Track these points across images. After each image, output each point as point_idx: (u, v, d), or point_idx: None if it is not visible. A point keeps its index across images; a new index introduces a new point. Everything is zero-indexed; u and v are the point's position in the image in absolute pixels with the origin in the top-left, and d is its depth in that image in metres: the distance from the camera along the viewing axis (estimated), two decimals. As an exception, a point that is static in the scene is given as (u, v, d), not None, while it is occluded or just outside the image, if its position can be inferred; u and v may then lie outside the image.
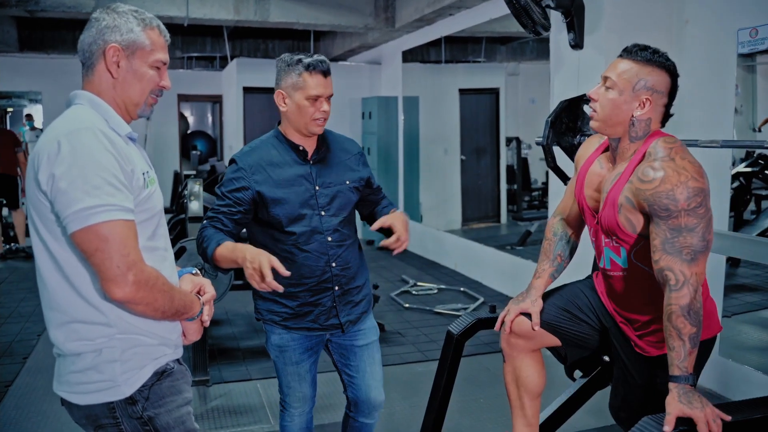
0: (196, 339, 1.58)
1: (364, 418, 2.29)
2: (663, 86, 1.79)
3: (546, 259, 2.13)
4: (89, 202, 1.29)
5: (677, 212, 1.67)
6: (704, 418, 1.61)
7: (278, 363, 2.20)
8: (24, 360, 4.05)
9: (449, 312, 5.04)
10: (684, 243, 1.68)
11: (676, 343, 1.66)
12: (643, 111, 1.79)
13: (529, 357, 2.13)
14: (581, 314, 2.07)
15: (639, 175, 1.75)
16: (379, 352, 2.29)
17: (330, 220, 2.09)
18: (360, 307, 2.20)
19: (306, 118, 2.04)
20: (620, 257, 1.87)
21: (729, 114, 3.40)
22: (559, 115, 2.64)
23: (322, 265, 2.08)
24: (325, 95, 2.04)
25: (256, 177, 2.05)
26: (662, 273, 1.70)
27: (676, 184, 1.67)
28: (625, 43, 1.87)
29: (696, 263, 1.68)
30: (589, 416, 3.01)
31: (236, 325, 4.82)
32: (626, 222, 1.80)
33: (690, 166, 1.71)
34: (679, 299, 1.66)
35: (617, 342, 2.02)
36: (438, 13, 6.03)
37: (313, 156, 2.11)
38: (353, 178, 2.16)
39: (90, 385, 1.40)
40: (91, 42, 1.44)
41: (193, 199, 4.20)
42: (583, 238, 2.15)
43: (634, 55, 1.79)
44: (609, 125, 1.83)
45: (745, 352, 3.70)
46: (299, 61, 2.02)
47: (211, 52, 10.02)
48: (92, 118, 1.40)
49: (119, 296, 1.32)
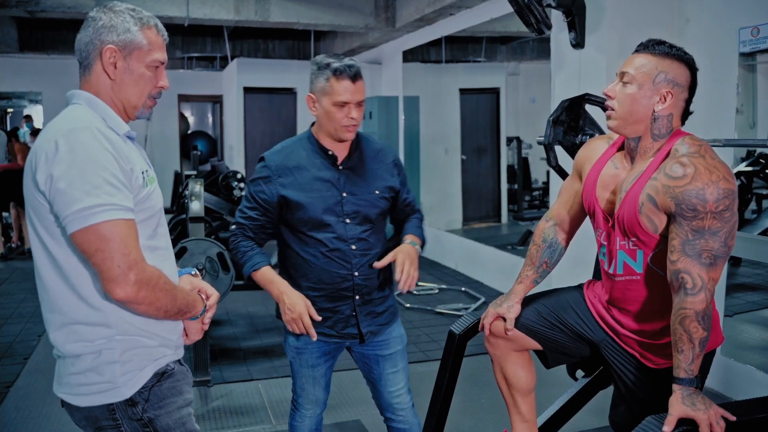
0: (198, 338, 1.57)
1: (396, 424, 2.24)
2: (683, 79, 1.72)
3: (531, 264, 2.07)
4: (89, 201, 1.28)
5: (704, 213, 1.60)
6: (707, 420, 1.57)
7: (294, 364, 2.17)
8: (25, 361, 4.05)
9: (450, 312, 5.04)
10: (705, 246, 1.61)
11: (685, 346, 1.61)
12: (665, 105, 1.71)
13: (514, 356, 2.10)
14: (562, 325, 2.01)
15: (666, 172, 1.67)
16: (404, 360, 2.22)
17: (355, 229, 2.04)
18: (382, 318, 2.14)
19: (335, 124, 1.98)
20: (636, 261, 1.79)
21: (730, 113, 3.40)
22: (560, 114, 2.63)
23: (344, 273, 2.04)
24: (353, 101, 1.96)
25: (282, 179, 2.02)
26: (678, 275, 1.63)
27: (707, 183, 1.60)
28: (626, 42, 1.84)
29: (714, 268, 1.62)
30: (592, 416, 3.00)
31: (237, 326, 4.82)
32: (647, 221, 1.72)
33: (721, 165, 1.64)
34: (695, 304, 1.60)
35: (616, 356, 1.93)
36: (438, 12, 6.03)
37: (343, 162, 2.06)
38: (383, 188, 2.10)
39: (90, 386, 1.39)
40: (88, 42, 1.43)
41: (193, 199, 4.19)
42: (585, 240, 2.13)
43: (651, 48, 1.73)
44: (629, 123, 1.75)
45: (747, 351, 3.70)
46: (328, 65, 1.96)
47: (211, 52, 10.03)
48: (90, 117, 1.39)
49: (121, 296, 1.31)
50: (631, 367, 1.91)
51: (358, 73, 1.97)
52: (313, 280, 2.03)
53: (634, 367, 1.90)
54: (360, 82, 1.98)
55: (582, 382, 2.45)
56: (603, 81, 3.77)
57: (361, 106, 2.01)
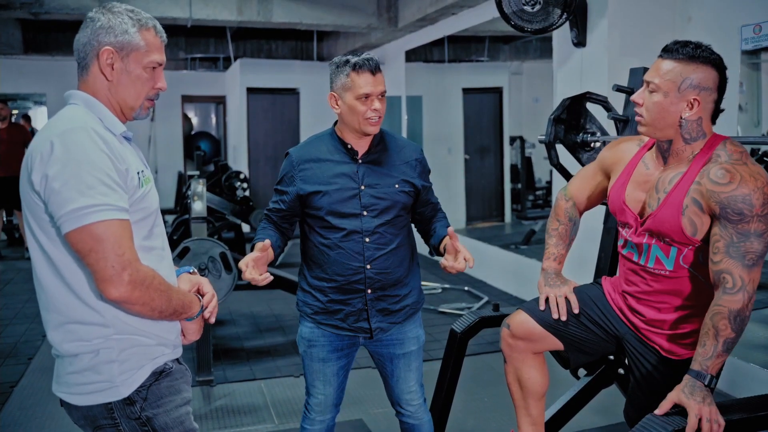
0: (196, 339, 1.57)
1: (406, 418, 2.26)
2: (711, 82, 1.72)
3: (563, 243, 2.13)
4: (83, 202, 1.28)
5: (750, 217, 1.64)
6: (698, 410, 1.58)
7: (305, 359, 2.17)
8: (29, 361, 4.06)
9: (453, 311, 5.03)
10: (749, 248, 1.65)
11: (709, 341, 1.64)
12: (692, 112, 1.72)
13: (530, 358, 2.09)
14: (588, 320, 2.02)
15: (711, 177, 1.70)
16: (418, 360, 2.22)
17: (371, 222, 2.05)
18: (396, 316, 2.13)
19: (359, 117, 2.01)
20: (668, 258, 1.82)
21: (733, 111, 3.39)
22: (561, 112, 2.63)
23: (355, 266, 2.05)
24: (375, 93, 2.00)
25: (302, 173, 2.07)
26: (720, 275, 1.67)
27: (753, 189, 1.64)
28: (628, 40, 1.83)
29: (756, 269, 1.66)
30: (594, 415, 3.00)
31: (240, 326, 4.82)
32: (689, 224, 1.74)
33: (763, 171, 1.68)
34: (732, 303, 1.63)
35: (636, 349, 1.95)
36: (441, 12, 6.02)
37: (363, 156, 2.08)
38: (402, 182, 2.10)
39: (88, 386, 1.40)
40: (86, 42, 1.43)
41: (196, 200, 4.20)
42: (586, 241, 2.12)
43: (675, 53, 1.72)
44: (658, 129, 1.77)
45: (752, 350, 3.68)
46: (347, 62, 2.00)
47: (214, 53, 10.04)
48: (86, 117, 1.39)
49: (115, 296, 1.31)
50: (651, 358, 1.92)
51: (377, 65, 2.02)
52: (328, 272, 2.07)
53: (654, 359, 1.92)
54: (380, 74, 2.02)
55: (584, 381, 2.45)
56: (604, 79, 3.77)
57: (383, 98, 2.04)
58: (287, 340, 4.42)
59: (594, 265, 2.70)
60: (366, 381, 3.59)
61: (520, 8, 3.42)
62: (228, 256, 3.32)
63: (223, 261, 3.30)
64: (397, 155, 2.13)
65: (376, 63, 2.01)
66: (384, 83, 2.04)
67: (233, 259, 3.35)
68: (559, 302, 2.03)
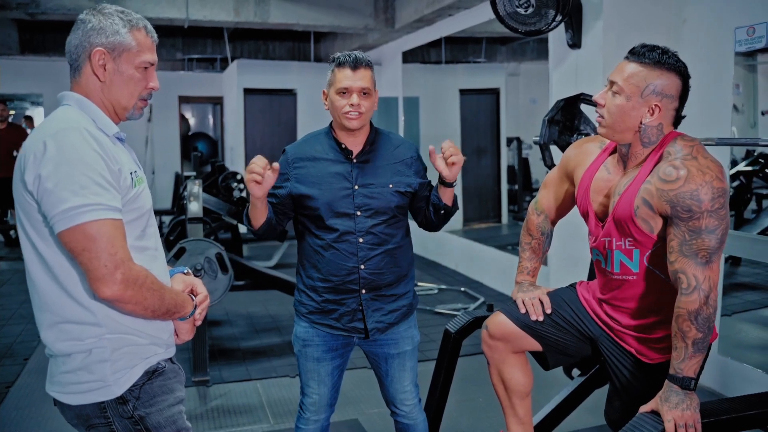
0: (189, 338, 1.58)
1: (401, 418, 2.27)
2: (673, 90, 1.71)
3: (535, 257, 2.16)
4: (76, 201, 1.29)
5: (700, 213, 1.62)
6: (670, 416, 1.60)
7: (300, 358, 2.18)
8: (25, 361, 4.06)
9: (450, 312, 5.04)
10: (701, 245, 1.63)
11: (679, 344, 1.65)
12: (653, 118, 1.72)
13: (511, 358, 2.10)
14: (563, 321, 2.04)
15: (660, 175, 1.69)
16: (413, 360, 2.23)
17: (365, 222, 2.05)
18: (391, 316, 2.13)
19: (338, 111, 2.03)
20: (632, 261, 1.81)
21: (727, 112, 3.40)
22: (556, 114, 2.65)
23: (349, 266, 2.06)
24: (353, 88, 2.00)
25: (296, 171, 2.09)
26: (676, 275, 1.67)
27: (700, 184, 1.62)
28: (623, 41, 1.84)
29: (710, 266, 1.64)
30: (587, 414, 3.01)
31: (236, 326, 4.83)
32: (643, 224, 1.75)
33: (713, 165, 1.66)
34: (688, 304, 1.63)
35: (612, 352, 1.96)
36: (438, 13, 6.03)
37: (357, 155, 2.09)
38: (397, 182, 2.10)
39: (81, 385, 1.40)
40: (78, 44, 1.44)
41: (192, 200, 4.20)
42: (582, 241, 2.14)
43: (642, 57, 1.71)
44: (617, 132, 1.77)
45: (745, 350, 3.70)
46: (334, 59, 2.05)
47: (211, 53, 10.04)
48: (79, 118, 1.40)
49: (107, 295, 1.32)
50: (627, 362, 1.93)
51: (358, 61, 2.01)
52: (323, 272, 2.08)
53: (630, 363, 1.93)
54: (361, 70, 2.02)
55: (578, 381, 2.46)
56: (600, 81, 3.78)
57: (367, 95, 2.03)
58: (283, 341, 4.43)
59: (587, 265, 2.71)
60: (361, 381, 3.59)
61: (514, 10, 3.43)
62: (224, 256, 3.33)
63: (219, 262, 3.31)
64: (392, 155, 2.14)
65: (358, 59, 2.02)
66: (368, 80, 2.03)
67: (229, 259, 3.36)
68: (533, 303, 2.05)
